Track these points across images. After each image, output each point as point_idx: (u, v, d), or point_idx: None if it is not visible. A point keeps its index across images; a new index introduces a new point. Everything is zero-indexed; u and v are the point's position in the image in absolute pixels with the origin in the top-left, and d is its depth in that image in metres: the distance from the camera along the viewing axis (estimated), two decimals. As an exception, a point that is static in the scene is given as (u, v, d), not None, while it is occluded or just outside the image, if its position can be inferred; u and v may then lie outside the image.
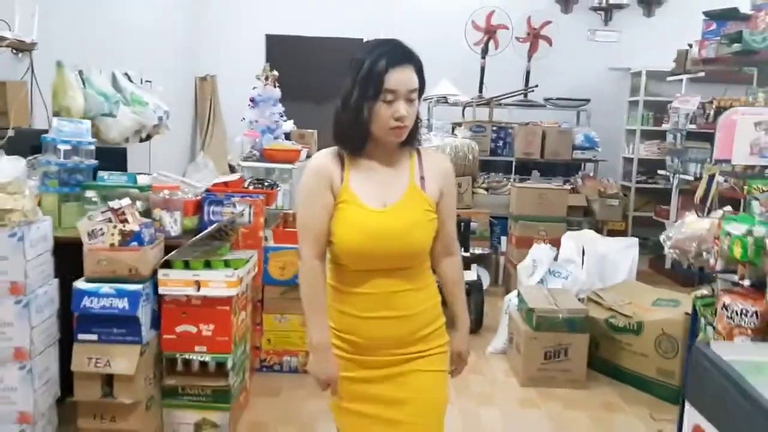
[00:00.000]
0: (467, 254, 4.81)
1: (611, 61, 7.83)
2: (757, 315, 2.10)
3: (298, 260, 1.83)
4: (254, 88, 5.25)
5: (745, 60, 4.71)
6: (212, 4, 7.84)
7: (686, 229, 2.65)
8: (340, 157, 1.81)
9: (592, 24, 7.91)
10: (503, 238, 6.03)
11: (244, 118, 5.29)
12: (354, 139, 1.78)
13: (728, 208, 2.59)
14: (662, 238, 2.79)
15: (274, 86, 5.22)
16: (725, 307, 2.19)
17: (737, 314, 2.14)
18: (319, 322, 1.80)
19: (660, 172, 7.11)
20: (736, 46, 4.37)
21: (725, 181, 3.08)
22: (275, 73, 5.27)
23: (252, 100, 5.21)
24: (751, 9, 4.65)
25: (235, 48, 7.83)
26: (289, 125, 5.73)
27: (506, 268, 5.89)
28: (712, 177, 2.83)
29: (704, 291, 2.68)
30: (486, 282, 5.35)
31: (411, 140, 1.83)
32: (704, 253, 2.48)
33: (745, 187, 2.58)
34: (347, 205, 1.78)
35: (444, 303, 1.94)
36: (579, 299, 4.17)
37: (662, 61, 6.98)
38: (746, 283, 2.20)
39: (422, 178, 1.83)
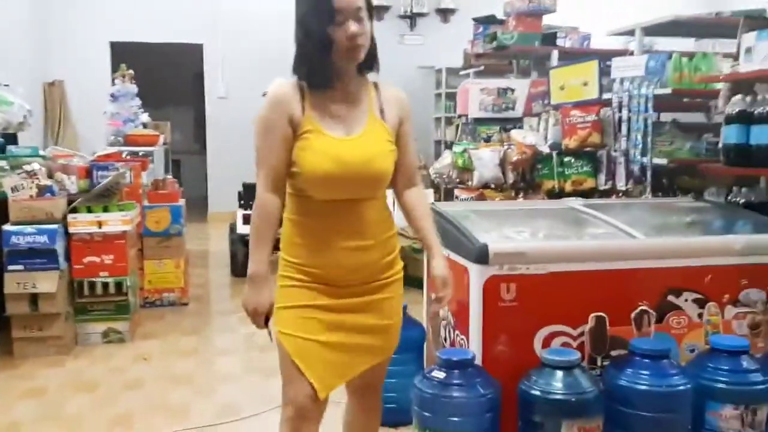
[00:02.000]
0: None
1: (418, 61, 9.39)
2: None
3: (257, 191, 1.84)
4: (114, 84, 6.09)
5: (502, 54, 6.30)
6: (57, 11, 8.41)
7: (442, 161, 4.03)
8: (299, 88, 1.81)
9: (400, 30, 9.44)
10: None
11: (105, 111, 6.11)
12: (318, 70, 1.79)
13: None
14: (431, 169, 4.17)
15: (131, 83, 6.10)
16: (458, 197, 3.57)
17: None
18: (260, 254, 1.82)
19: (460, 148, 8.76)
20: (494, 43, 5.93)
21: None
22: (131, 71, 6.16)
23: (112, 95, 6.06)
24: (504, 15, 6.25)
25: (82, 55, 8.46)
26: (145, 117, 6.60)
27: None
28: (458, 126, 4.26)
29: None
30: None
31: (370, 64, 1.84)
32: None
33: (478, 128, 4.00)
34: (311, 135, 1.79)
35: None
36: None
37: (457, 60, 8.61)
38: (470, 183, 3.60)
39: (381, 110, 1.86)
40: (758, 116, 3.39)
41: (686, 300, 2.62)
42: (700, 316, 2.63)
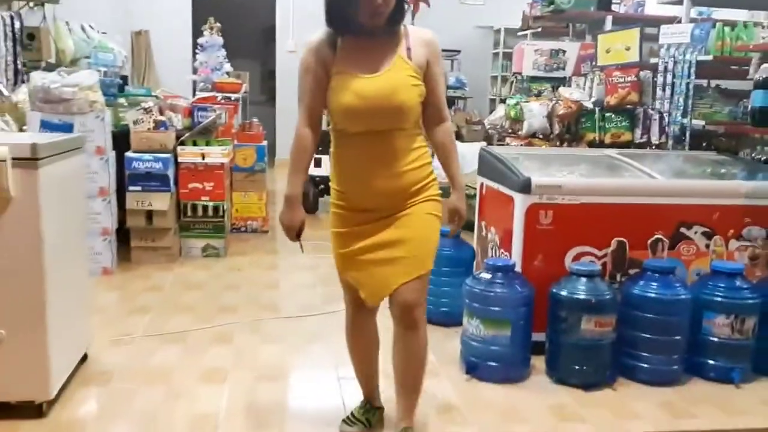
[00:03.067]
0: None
1: (478, 20, 9.80)
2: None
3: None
4: (202, 35, 6.77)
5: (559, 17, 6.71)
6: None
7: (496, 114, 4.57)
8: (332, 36, 2.06)
9: (461, -10, 9.84)
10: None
11: (196, 59, 6.82)
12: (345, 26, 2.04)
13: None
14: (485, 121, 4.71)
15: (218, 35, 6.77)
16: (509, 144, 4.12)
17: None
18: (296, 179, 2.15)
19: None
20: (552, 7, 6.35)
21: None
22: (219, 24, 6.82)
23: (201, 45, 6.74)
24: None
25: (166, 6, 9.18)
26: (228, 66, 7.29)
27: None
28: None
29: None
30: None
31: (395, 24, 2.05)
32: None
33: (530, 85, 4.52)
34: (340, 76, 2.03)
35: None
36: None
37: (515, 20, 8.99)
38: (520, 133, 4.14)
39: (408, 48, 2.06)
40: (781, 82, 3.83)
41: (696, 232, 3.16)
42: (707, 246, 3.17)
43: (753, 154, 4.11)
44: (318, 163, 6.35)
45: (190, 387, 2.79)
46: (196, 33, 7.90)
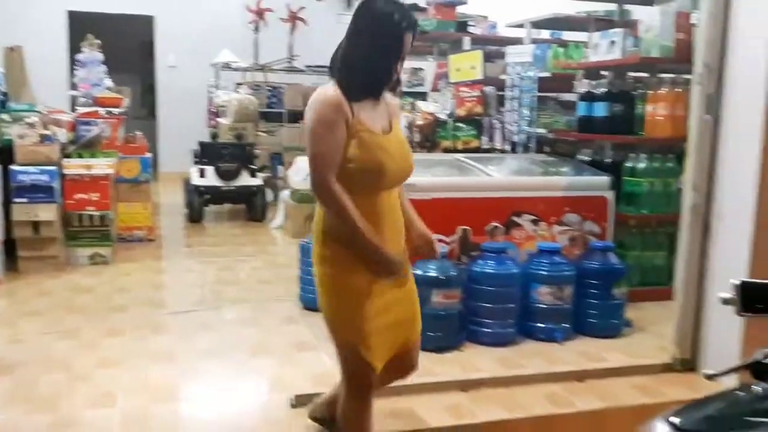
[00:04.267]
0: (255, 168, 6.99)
1: (353, 38, 10.38)
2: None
3: (320, 191, 1.99)
4: (80, 51, 6.88)
5: (423, 37, 7.35)
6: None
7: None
8: (345, 95, 1.99)
9: (338, 9, 10.41)
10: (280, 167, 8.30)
11: (74, 75, 6.91)
12: (376, 89, 2.05)
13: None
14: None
15: (98, 51, 6.90)
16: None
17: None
18: (375, 238, 2.03)
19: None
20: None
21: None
22: (98, 41, 6.95)
23: (80, 61, 6.85)
24: (425, 4, 7.30)
25: (41, 22, 9.12)
26: (109, 81, 7.39)
27: (280, 186, 8.17)
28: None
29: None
30: (270, 196, 7.55)
31: (396, 87, 2.17)
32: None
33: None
34: (365, 133, 2.00)
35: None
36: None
37: (387, 38, 9.65)
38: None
39: (390, 111, 2.15)
40: (598, 96, 4.60)
41: (525, 220, 3.81)
42: (534, 231, 3.83)
43: (577, 156, 4.88)
44: (203, 174, 6.65)
45: (89, 372, 3.08)
46: (73, 49, 7.97)
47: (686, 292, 3.25)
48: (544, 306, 3.54)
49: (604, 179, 4.03)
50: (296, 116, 9.11)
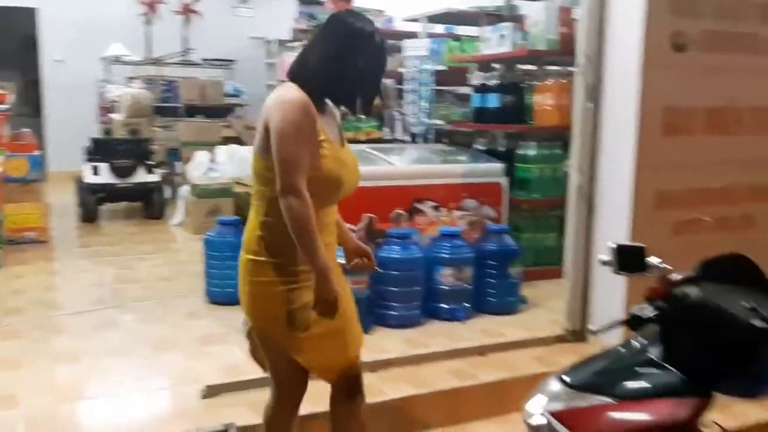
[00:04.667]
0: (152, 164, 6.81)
1: (250, 32, 10.26)
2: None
3: (288, 195, 1.85)
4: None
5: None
6: None
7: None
8: (313, 101, 1.93)
9: (232, 2, 10.25)
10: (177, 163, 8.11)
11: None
12: (348, 98, 2.03)
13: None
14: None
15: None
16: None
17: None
18: (322, 250, 1.89)
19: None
20: (315, 22, 7.05)
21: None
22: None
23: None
24: (326, -3, 7.35)
25: None
26: (-11, 77, 6.98)
27: (179, 182, 7.99)
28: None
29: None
30: (168, 193, 7.38)
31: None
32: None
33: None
34: (327, 143, 1.94)
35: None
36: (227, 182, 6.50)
37: (286, 32, 9.59)
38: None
39: (338, 124, 2.13)
40: (490, 87, 4.83)
41: (427, 206, 3.97)
42: (436, 216, 3.99)
43: (474, 145, 5.10)
44: (96, 171, 6.41)
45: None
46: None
47: (575, 268, 3.50)
48: (447, 287, 3.70)
49: (498, 166, 4.25)
50: (193, 111, 8.95)
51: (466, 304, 3.76)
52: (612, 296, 3.18)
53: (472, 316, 3.79)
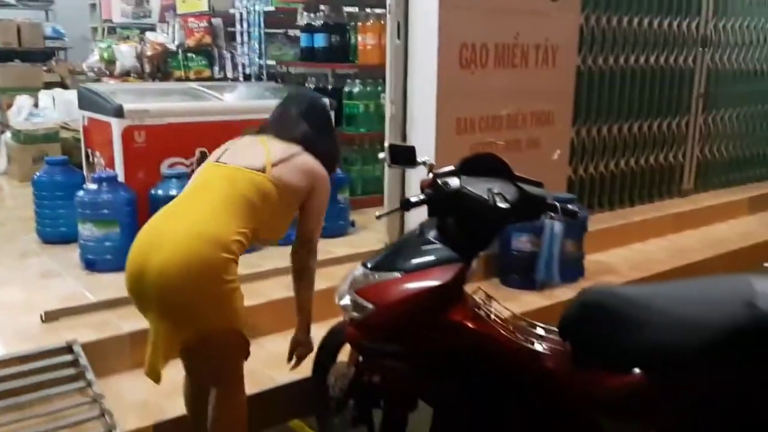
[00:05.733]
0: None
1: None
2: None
3: (312, 246, 2.44)
4: None
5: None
6: None
7: (92, 58, 5.02)
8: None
9: (47, -63, 9.56)
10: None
11: None
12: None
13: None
14: (84, 65, 5.11)
15: None
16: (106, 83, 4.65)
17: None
18: None
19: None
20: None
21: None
22: None
23: None
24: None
25: None
26: None
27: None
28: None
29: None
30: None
31: None
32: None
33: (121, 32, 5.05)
34: None
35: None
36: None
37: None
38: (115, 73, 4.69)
39: None
40: (317, 28, 5.09)
41: (258, 140, 4.19)
42: (267, 149, 4.24)
43: (306, 84, 5.36)
44: None
45: None
46: None
47: (391, 191, 3.92)
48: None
49: (324, 101, 4.54)
50: (8, 55, 8.36)
51: (298, 229, 4.07)
52: (422, 213, 3.64)
53: (305, 240, 4.11)
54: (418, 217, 3.58)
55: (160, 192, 3.62)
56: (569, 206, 2.11)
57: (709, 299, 1.88)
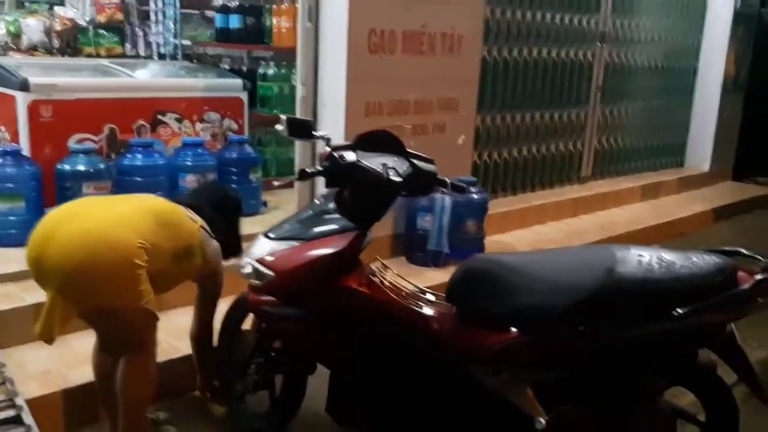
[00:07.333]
0: None
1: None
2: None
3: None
4: None
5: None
6: None
7: (-3, 28, 4.86)
8: None
9: None
10: None
11: None
12: None
13: None
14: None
15: None
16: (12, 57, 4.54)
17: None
18: None
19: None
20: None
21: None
22: None
23: None
24: None
25: None
26: None
27: None
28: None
29: None
30: None
31: None
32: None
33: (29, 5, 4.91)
34: None
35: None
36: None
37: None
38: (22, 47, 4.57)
39: None
40: (232, 9, 5.11)
41: (170, 118, 4.22)
42: (179, 128, 4.26)
43: (221, 65, 5.38)
44: None
45: None
46: None
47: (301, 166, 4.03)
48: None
49: (238, 82, 4.60)
50: None
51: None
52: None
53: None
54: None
55: (66, 167, 3.59)
56: (457, 182, 2.29)
57: (577, 266, 2.11)
